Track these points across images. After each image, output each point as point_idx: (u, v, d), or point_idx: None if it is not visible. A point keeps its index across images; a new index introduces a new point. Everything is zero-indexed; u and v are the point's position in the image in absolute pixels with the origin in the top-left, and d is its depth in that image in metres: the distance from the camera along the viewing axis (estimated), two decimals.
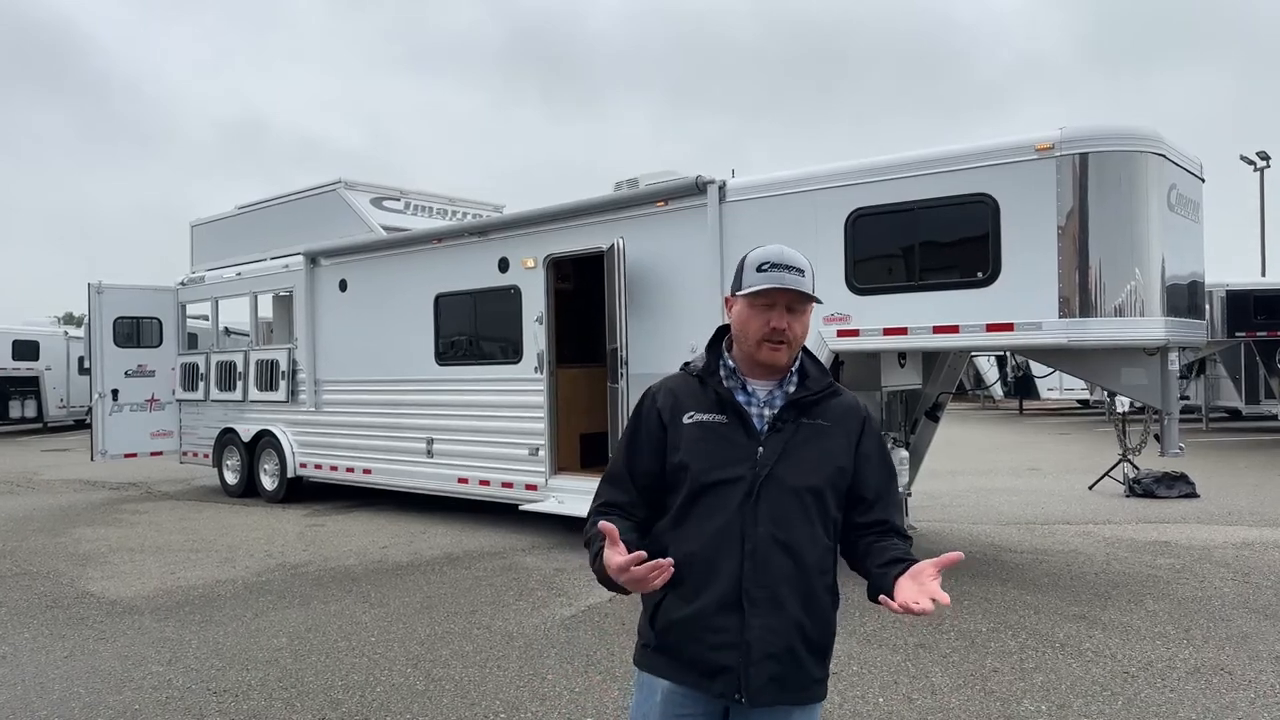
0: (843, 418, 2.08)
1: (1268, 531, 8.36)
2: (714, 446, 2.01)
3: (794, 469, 1.99)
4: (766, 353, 2.02)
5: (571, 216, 8.32)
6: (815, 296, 2.03)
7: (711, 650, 1.96)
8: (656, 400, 2.11)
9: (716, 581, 1.96)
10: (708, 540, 1.97)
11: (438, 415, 9.43)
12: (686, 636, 1.98)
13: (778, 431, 2.02)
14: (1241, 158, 31.11)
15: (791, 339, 2.02)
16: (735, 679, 1.95)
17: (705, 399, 2.06)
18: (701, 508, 2.00)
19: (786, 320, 2.00)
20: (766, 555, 1.95)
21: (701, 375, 2.09)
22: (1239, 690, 4.45)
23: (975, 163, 6.16)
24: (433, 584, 6.85)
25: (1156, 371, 6.26)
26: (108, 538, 9.05)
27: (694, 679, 1.99)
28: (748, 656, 1.94)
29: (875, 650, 5.09)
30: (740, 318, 2.06)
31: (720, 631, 1.95)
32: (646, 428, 2.10)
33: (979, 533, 8.42)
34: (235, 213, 12.41)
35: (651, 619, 2.05)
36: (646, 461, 2.08)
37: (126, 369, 12.28)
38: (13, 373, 23.53)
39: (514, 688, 4.65)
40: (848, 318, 6.62)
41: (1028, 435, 19.42)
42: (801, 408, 2.05)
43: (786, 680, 1.97)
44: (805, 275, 2.02)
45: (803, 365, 2.10)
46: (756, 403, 2.06)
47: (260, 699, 4.58)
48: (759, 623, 1.94)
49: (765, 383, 2.08)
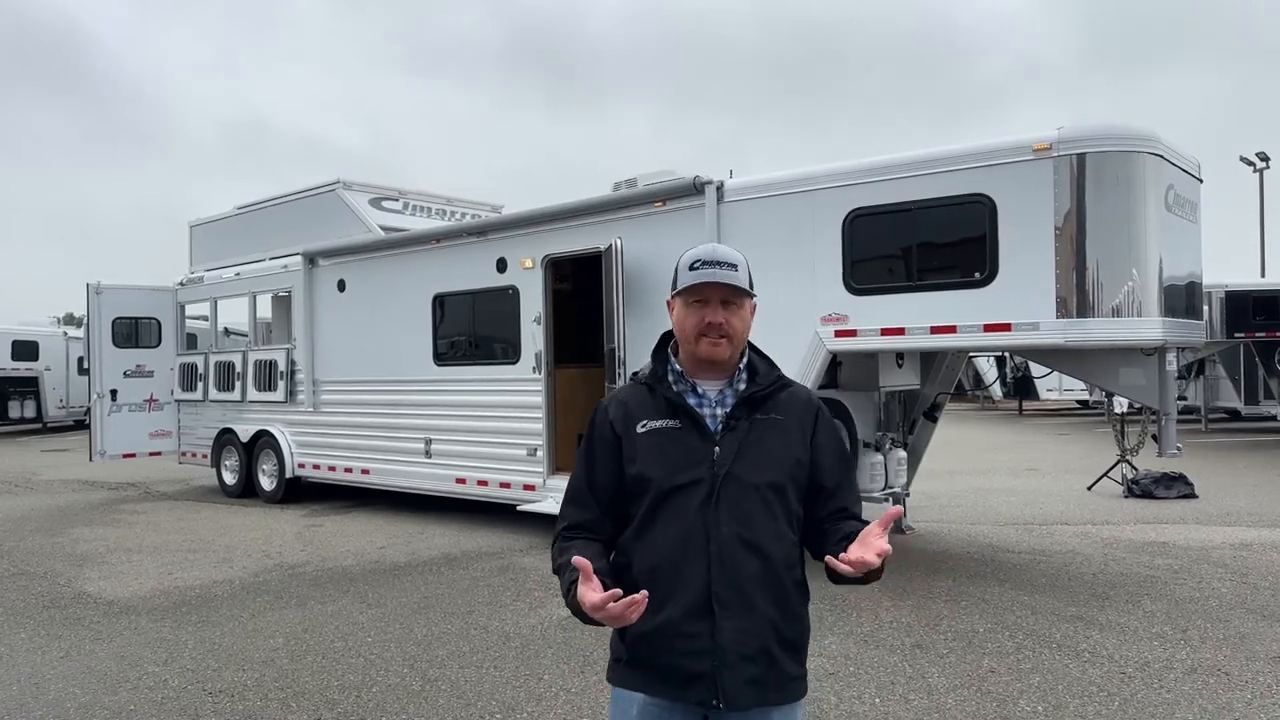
0: (796, 410, 2.08)
1: (1266, 532, 8.36)
2: (670, 453, 2.00)
3: (752, 466, 1.99)
4: (706, 348, 2.02)
5: (570, 217, 8.32)
6: (748, 290, 2.04)
7: (684, 658, 1.93)
8: (608, 413, 2.10)
9: (684, 588, 1.93)
10: (672, 547, 1.95)
11: (436, 415, 9.43)
12: (658, 647, 1.95)
13: (732, 430, 2.01)
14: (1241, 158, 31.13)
15: (730, 333, 2.02)
16: (711, 685, 1.92)
17: (656, 406, 2.05)
18: (663, 515, 1.98)
19: (722, 315, 2.01)
20: (733, 556, 1.93)
21: (649, 382, 2.08)
22: (1236, 690, 4.44)
23: (973, 163, 6.15)
24: (430, 584, 6.85)
25: (1154, 372, 6.26)
26: (105, 538, 9.05)
27: (669, 689, 1.96)
28: (722, 660, 1.92)
29: (872, 650, 5.09)
30: (678, 317, 2.07)
31: (692, 638, 1.93)
32: (601, 442, 2.08)
33: (977, 533, 8.41)
34: (234, 213, 12.41)
35: (621, 633, 2.02)
36: (606, 476, 2.06)
37: (125, 369, 12.27)
38: (12, 373, 23.53)
39: (510, 688, 4.65)
40: (845, 318, 6.62)
41: (1027, 436, 19.41)
42: (753, 404, 2.04)
43: (764, 681, 1.95)
44: (738, 270, 2.03)
45: (751, 362, 2.10)
46: (708, 403, 2.05)
47: (256, 699, 4.57)
48: (730, 625, 1.92)
49: (714, 382, 2.07)
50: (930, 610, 5.86)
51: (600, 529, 2.06)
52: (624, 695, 2.03)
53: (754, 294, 2.08)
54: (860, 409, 7.49)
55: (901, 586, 6.45)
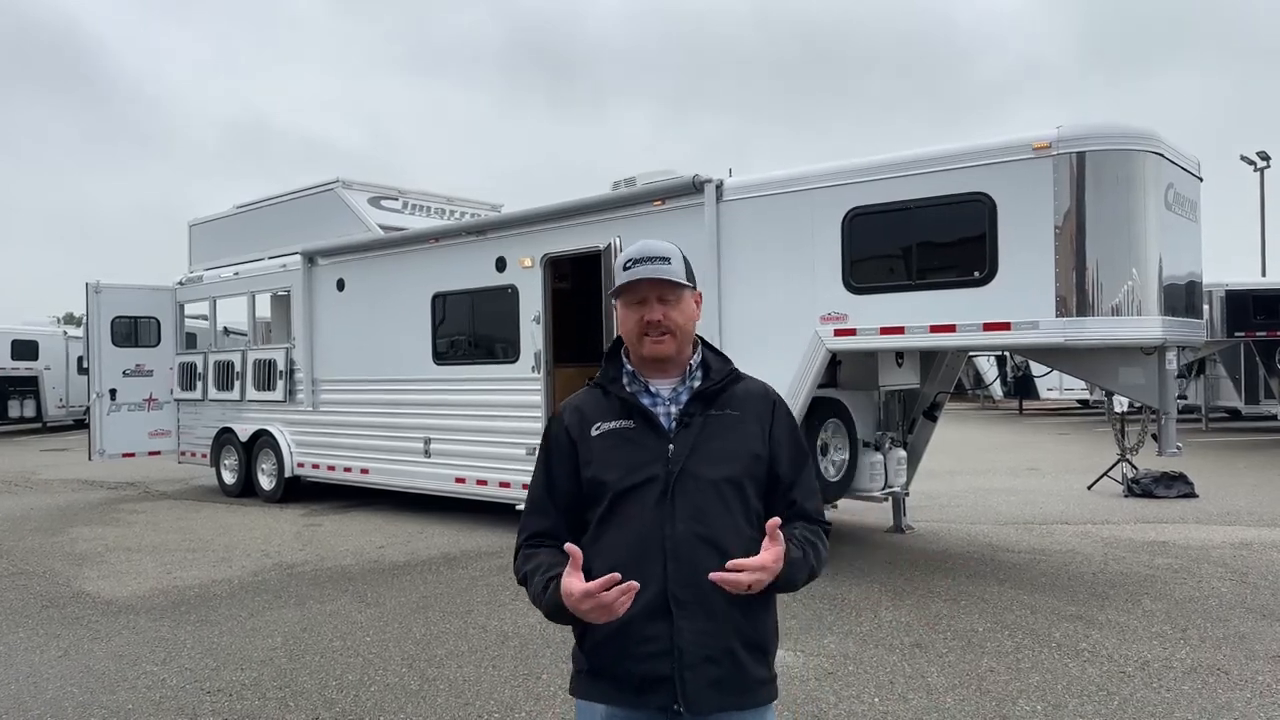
0: (752, 404, 2.04)
1: (1266, 532, 8.35)
2: (624, 453, 1.97)
3: (707, 462, 1.95)
4: (650, 346, 2.00)
5: (569, 216, 8.31)
6: (684, 282, 2.00)
7: (644, 662, 1.88)
8: (564, 419, 2.08)
9: (641, 590, 1.85)
10: (628, 548, 1.91)
11: (435, 415, 9.42)
12: (616, 652, 1.90)
13: (686, 427, 1.98)
14: (1242, 158, 31.12)
15: (672, 328, 1.99)
16: (671, 688, 1.87)
17: (610, 408, 2.03)
18: (619, 516, 1.95)
19: (660, 311, 1.98)
20: (690, 553, 1.89)
21: (603, 384, 2.07)
22: (1235, 690, 4.43)
23: (972, 162, 6.14)
24: (429, 584, 6.84)
25: (1154, 371, 6.25)
26: (104, 537, 9.04)
27: (629, 697, 1.91)
28: (681, 662, 1.87)
29: (871, 650, 5.08)
30: (620, 318, 2.05)
31: (649, 640, 1.88)
32: (557, 448, 2.06)
33: (977, 533, 8.40)
34: (233, 212, 12.41)
35: (580, 641, 1.99)
36: (563, 482, 2.04)
37: (124, 369, 12.26)
38: (12, 372, 23.52)
39: (509, 687, 4.64)
40: (845, 317, 6.61)
41: (1027, 435, 19.40)
42: (707, 399, 2.01)
43: (726, 684, 1.90)
44: (671, 262, 2.00)
45: (704, 358, 2.07)
46: (662, 402, 2.02)
47: (254, 699, 4.56)
48: (689, 625, 1.88)
49: (668, 381, 2.05)
50: (930, 609, 5.85)
51: (562, 536, 2.01)
52: (586, 707, 2.00)
53: (692, 285, 2.04)
54: (860, 408, 7.48)
55: (901, 586, 6.45)
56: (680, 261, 2.02)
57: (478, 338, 9.26)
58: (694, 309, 2.05)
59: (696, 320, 2.07)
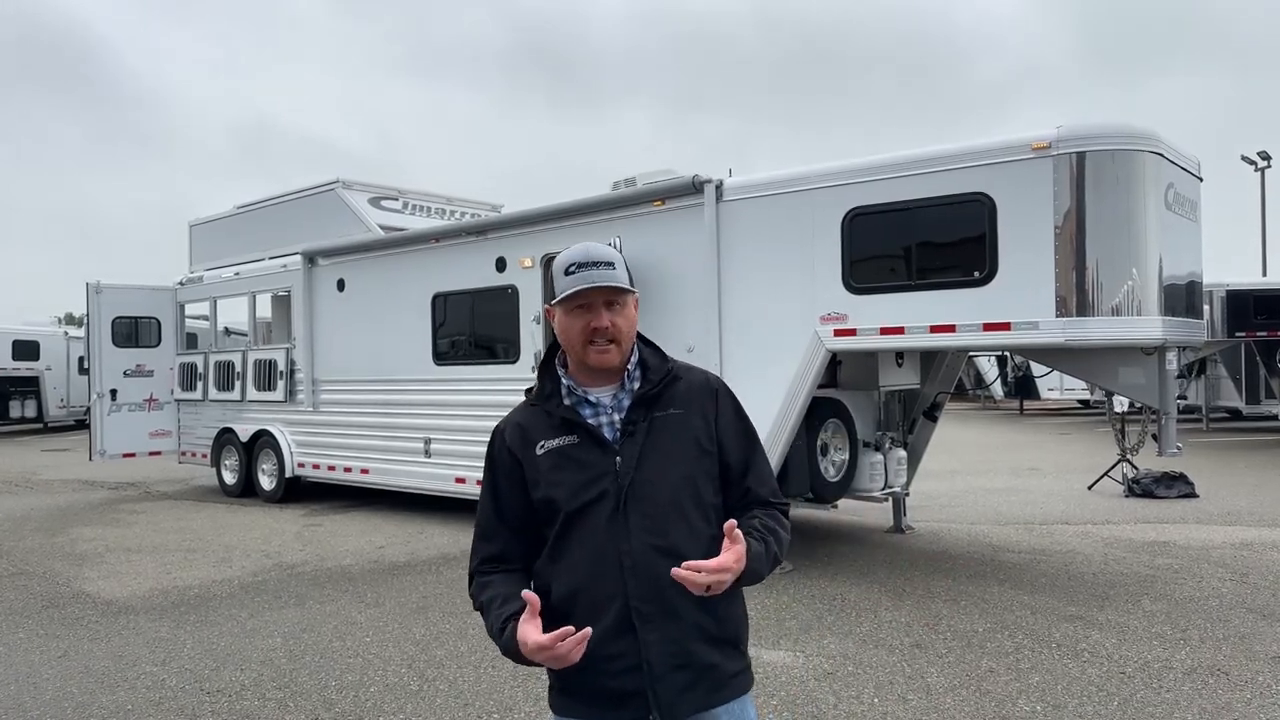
0: (694, 399, 2.00)
1: (1266, 532, 8.34)
2: (571, 471, 1.93)
3: (656, 470, 1.92)
4: (595, 356, 1.94)
5: (569, 216, 8.31)
6: (629, 288, 1.96)
7: (614, 679, 1.87)
8: (505, 438, 2.03)
9: (604, 607, 1.86)
10: (585, 566, 1.88)
11: (435, 415, 9.42)
12: (586, 671, 1.86)
13: (631, 435, 1.93)
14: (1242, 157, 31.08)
15: (617, 335, 1.94)
16: (644, 701, 1.87)
17: (551, 424, 1.97)
18: (574, 536, 1.92)
19: (607, 318, 1.93)
20: (648, 567, 1.86)
21: (538, 402, 2.02)
22: (1236, 691, 4.43)
23: (972, 162, 6.14)
24: (429, 584, 6.84)
25: (1154, 371, 6.24)
26: (105, 537, 9.05)
27: (602, 712, 1.91)
28: (651, 675, 1.86)
29: (871, 650, 5.08)
30: (561, 326, 1.98)
31: (618, 658, 1.86)
32: (502, 468, 2.02)
33: (977, 533, 8.40)
34: (234, 212, 12.41)
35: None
36: (512, 502, 2.00)
37: (125, 369, 12.27)
38: (13, 373, 23.53)
39: (508, 688, 4.64)
40: (845, 317, 6.60)
41: (1028, 435, 19.39)
42: (649, 403, 1.96)
43: (699, 687, 1.90)
44: (616, 267, 1.95)
45: (641, 358, 2.02)
46: (604, 411, 1.97)
47: (254, 699, 4.56)
48: (655, 638, 1.86)
49: (607, 388, 1.99)
50: (929, 610, 5.85)
51: (514, 559, 2.00)
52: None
53: (635, 290, 2.00)
54: (860, 408, 7.48)
55: (901, 586, 6.44)
56: (623, 266, 1.97)
57: (478, 338, 9.26)
58: (634, 314, 2.00)
59: (636, 325, 2.02)
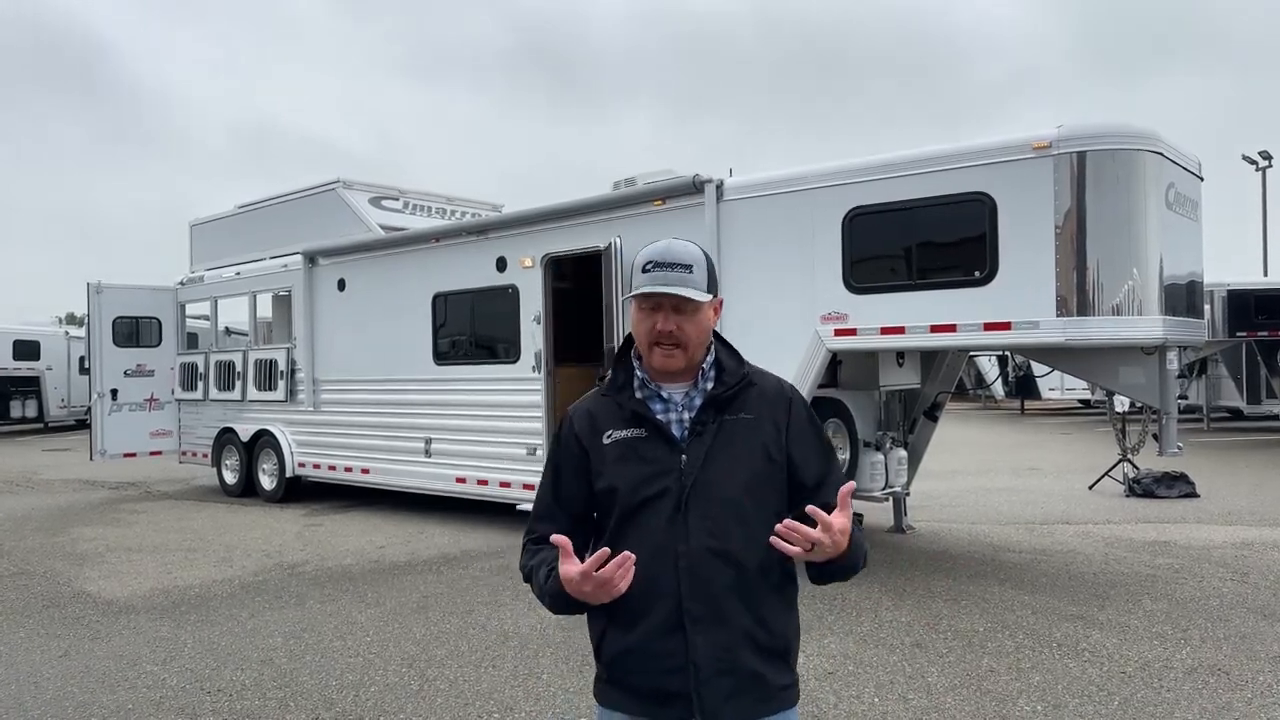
0: (767, 406, 1.96)
1: (1267, 531, 8.34)
2: (636, 464, 1.91)
3: (721, 473, 1.89)
4: (659, 359, 1.92)
5: (569, 216, 8.31)
6: (701, 297, 1.89)
7: (660, 677, 1.87)
8: (574, 424, 2.02)
9: (656, 604, 1.86)
10: (641, 562, 1.81)
11: (436, 415, 9.42)
12: (633, 666, 1.89)
13: (699, 435, 1.91)
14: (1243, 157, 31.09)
15: (683, 340, 1.90)
16: (689, 703, 1.86)
17: (621, 415, 1.95)
18: (631, 530, 1.90)
19: (674, 322, 1.88)
20: (704, 568, 1.85)
21: (610, 392, 2.00)
22: (1236, 690, 4.43)
23: (972, 161, 6.14)
24: (429, 583, 6.84)
25: (1154, 371, 6.24)
26: (106, 537, 9.05)
27: (647, 709, 1.90)
28: (697, 677, 1.85)
29: (871, 650, 5.08)
30: (633, 322, 1.95)
31: (666, 656, 1.86)
32: (567, 453, 2.01)
33: (978, 532, 8.40)
34: (234, 212, 12.41)
35: (598, 652, 1.97)
36: (572, 487, 1.99)
37: (126, 369, 12.27)
38: (14, 373, 23.55)
39: (509, 687, 4.64)
40: (845, 316, 6.60)
41: (1028, 435, 19.38)
42: (720, 405, 1.94)
43: (745, 694, 1.88)
44: (693, 271, 1.89)
45: (718, 359, 1.99)
46: (674, 408, 1.95)
47: (254, 699, 4.57)
48: (704, 640, 1.85)
49: (680, 385, 1.96)
50: (930, 609, 5.85)
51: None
52: (607, 713, 1.98)
53: (713, 295, 1.94)
54: (860, 408, 7.47)
55: (901, 586, 6.44)
56: (703, 270, 1.92)
57: (478, 338, 9.26)
58: (710, 319, 1.95)
59: (712, 329, 1.97)
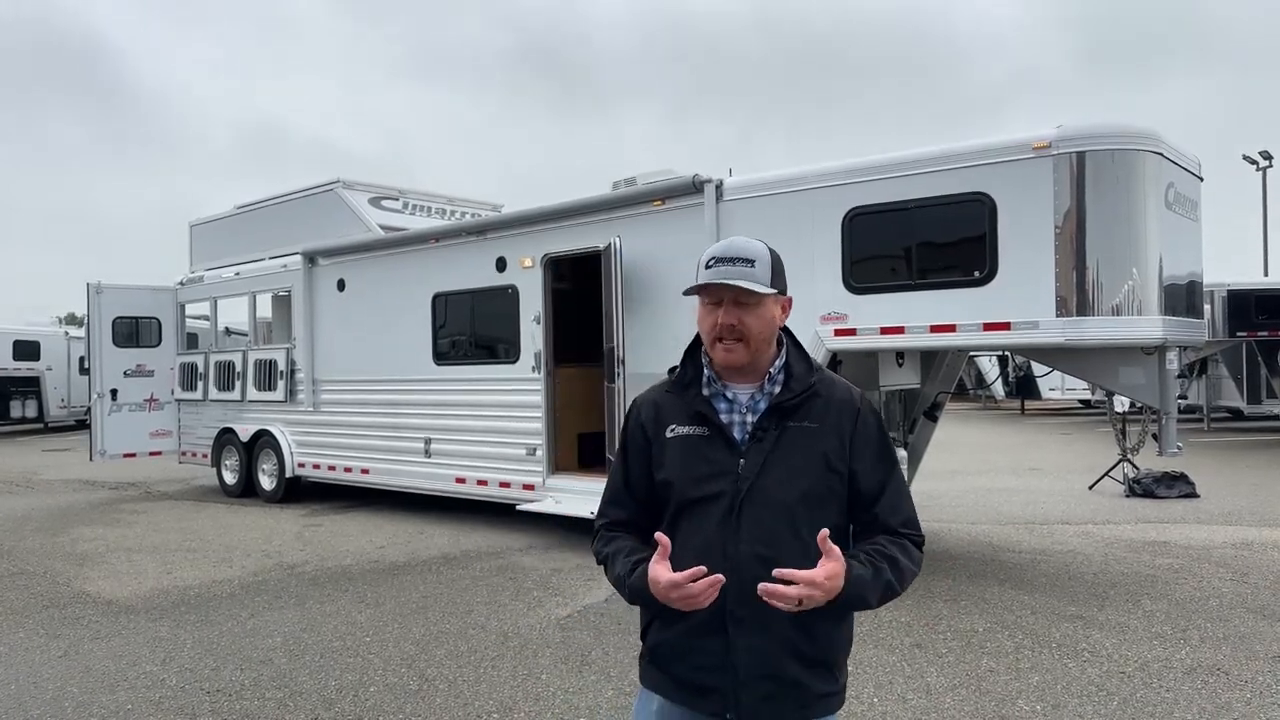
0: (833, 415, 1.93)
1: (1267, 532, 8.33)
2: (694, 462, 1.92)
3: (778, 480, 1.88)
4: (721, 353, 1.92)
5: (569, 216, 8.31)
6: (763, 289, 1.89)
7: (698, 671, 1.90)
8: (640, 414, 2.04)
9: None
10: (692, 559, 1.81)
11: (436, 415, 9.42)
12: (673, 657, 1.93)
13: (759, 441, 1.90)
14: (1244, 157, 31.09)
15: (746, 334, 1.90)
16: (724, 699, 1.88)
17: (685, 411, 1.97)
18: (684, 526, 1.91)
19: (736, 315, 1.89)
20: (750, 573, 1.82)
21: (675, 389, 2.01)
22: (1235, 690, 4.43)
23: (972, 161, 6.14)
24: (429, 584, 6.84)
25: (1154, 371, 6.24)
26: (105, 537, 9.05)
27: (685, 696, 1.94)
28: (735, 678, 1.87)
29: (871, 650, 5.08)
30: (698, 318, 1.98)
31: (705, 654, 1.88)
32: (634, 442, 2.04)
33: (978, 532, 8.40)
34: (234, 212, 12.41)
35: (644, 633, 2.01)
36: (640, 474, 2.02)
37: (125, 369, 12.27)
38: (14, 373, 23.55)
39: (508, 688, 4.64)
40: (845, 316, 6.60)
41: (1029, 435, 19.38)
42: (784, 412, 1.92)
43: (782, 699, 1.88)
44: (755, 266, 1.90)
45: (788, 362, 1.97)
46: (739, 409, 1.95)
47: (253, 699, 4.57)
48: (744, 644, 1.86)
49: (747, 386, 1.96)
50: (929, 610, 5.85)
51: (638, 524, 2.02)
52: (648, 693, 2.02)
53: (778, 290, 1.93)
54: None
55: None
56: (766, 265, 1.91)
57: (478, 338, 9.26)
58: (775, 315, 1.94)
59: (778, 326, 1.97)
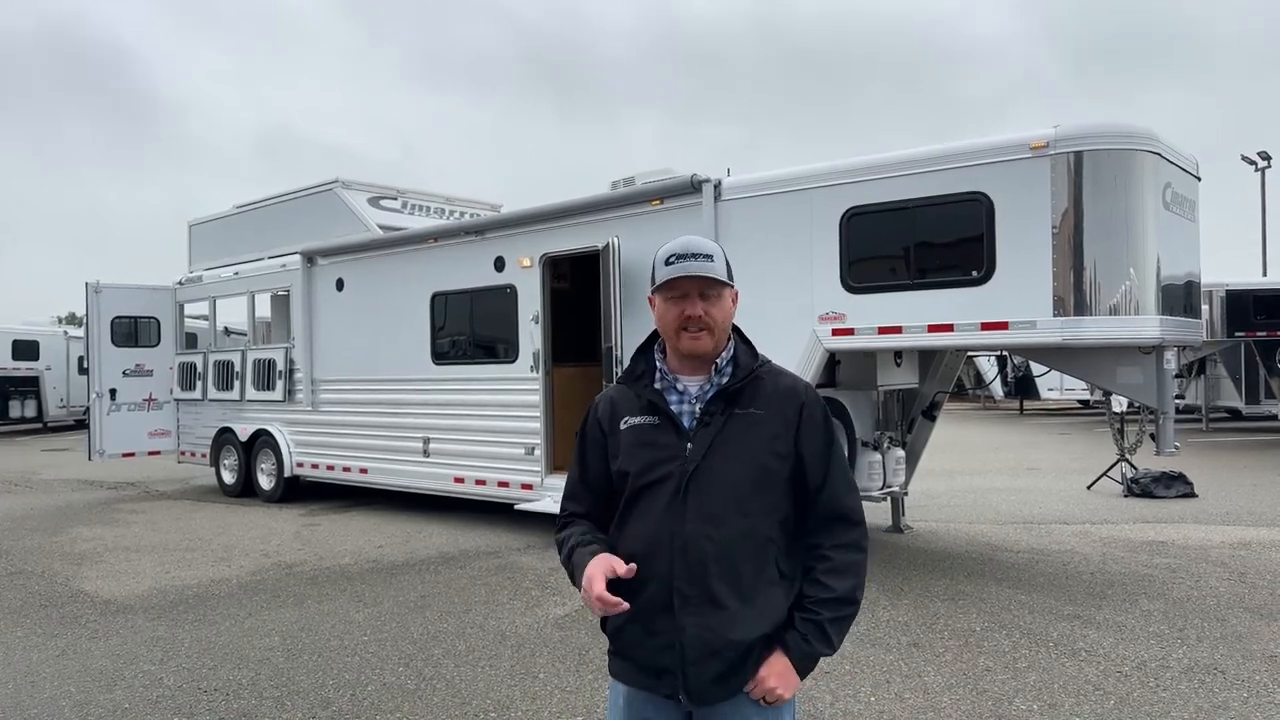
0: (778, 403, 2.03)
1: (1265, 531, 8.34)
2: (646, 450, 2.03)
3: (724, 462, 1.98)
4: (687, 342, 2.03)
5: (567, 215, 8.32)
6: (724, 280, 2.03)
7: (654, 652, 1.99)
8: (599, 409, 2.17)
9: (651, 582, 1.97)
10: (642, 542, 1.99)
11: (434, 414, 9.42)
12: (632, 639, 2.02)
13: (706, 426, 2.01)
14: (1243, 157, 31.10)
15: (710, 324, 2.02)
16: (673, 681, 1.97)
17: (639, 403, 2.09)
18: (636, 511, 2.03)
19: (701, 307, 2.01)
20: (697, 552, 1.95)
21: (627, 381, 2.13)
22: (1232, 690, 4.43)
23: (970, 161, 6.14)
24: (427, 583, 6.84)
25: (1152, 370, 6.24)
26: (104, 537, 9.05)
27: (644, 681, 2.02)
28: (683, 657, 1.95)
29: (868, 649, 5.08)
30: (659, 313, 2.08)
31: (658, 633, 1.97)
32: (590, 437, 2.16)
33: (976, 532, 8.40)
34: (233, 212, 12.41)
35: (603, 623, 2.08)
36: (596, 468, 2.14)
37: (124, 368, 12.27)
38: (13, 372, 23.54)
39: (505, 686, 4.64)
40: (843, 316, 6.61)
41: (1027, 435, 19.39)
42: (729, 398, 2.03)
43: (732, 677, 1.96)
44: (714, 260, 2.03)
45: (735, 353, 2.09)
46: (689, 399, 2.06)
47: (251, 698, 4.57)
48: (692, 621, 1.94)
49: (696, 378, 2.07)
50: (927, 609, 5.85)
51: (594, 517, 2.15)
52: (616, 685, 2.11)
53: (732, 283, 2.07)
54: (858, 408, 7.48)
55: (898, 585, 6.45)
56: (722, 260, 2.06)
57: (477, 337, 9.26)
58: (731, 307, 2.08)
59: (732, 318, 2.10)
